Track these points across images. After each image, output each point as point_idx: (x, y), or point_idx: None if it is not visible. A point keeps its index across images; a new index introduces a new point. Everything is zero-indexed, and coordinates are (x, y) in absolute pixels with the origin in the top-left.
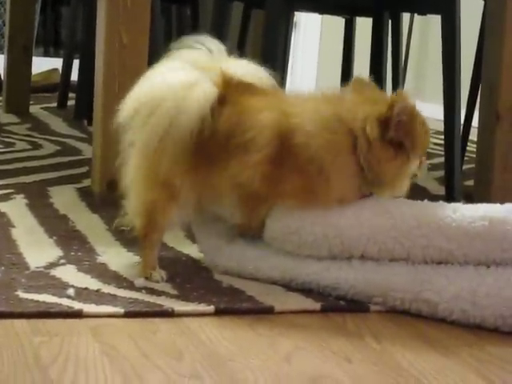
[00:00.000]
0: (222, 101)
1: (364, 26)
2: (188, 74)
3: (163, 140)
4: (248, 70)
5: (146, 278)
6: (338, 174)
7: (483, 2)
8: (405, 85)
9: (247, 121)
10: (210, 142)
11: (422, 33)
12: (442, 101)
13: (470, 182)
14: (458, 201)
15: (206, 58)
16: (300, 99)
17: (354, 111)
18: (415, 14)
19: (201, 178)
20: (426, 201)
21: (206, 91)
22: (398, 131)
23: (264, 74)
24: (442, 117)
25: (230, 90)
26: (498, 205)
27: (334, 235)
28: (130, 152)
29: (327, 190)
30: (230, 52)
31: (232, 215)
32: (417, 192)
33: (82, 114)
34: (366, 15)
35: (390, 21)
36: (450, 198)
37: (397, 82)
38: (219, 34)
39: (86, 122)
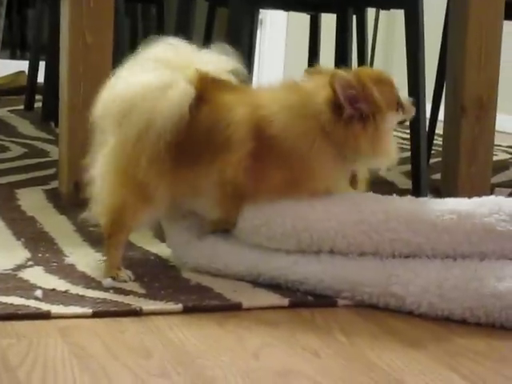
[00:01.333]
0: (198, 99)
1: (330, 22)
2: (163, 73)
3: (140, 140)
4: (219, 63)
5: (113, 278)
6: (319, 160)
7: None
8: None
9: (223, 118)
10: (187, 141)
11: (388, 28)
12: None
13: (437, 176)
14: (425, 194)
15: (176, 54)
16: (266, 92)
17: (313, 97)
18: (380, 10)
19: (179, 177)
20: (394, 195)
21: (182, 91)
22: (352, 105)
23: (234, 65)
24: None
25: (206, 88)
26: (466, 199)
27: (303, 228)
28: (101, 151)
29: (311, 178)
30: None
31: (209, 211)
32: (384, 186)
33: (49, 116)
34: (331, 11)
35: (354, 16)
36: (416, 191)
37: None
38: (184, 32)
39: (53, 123)
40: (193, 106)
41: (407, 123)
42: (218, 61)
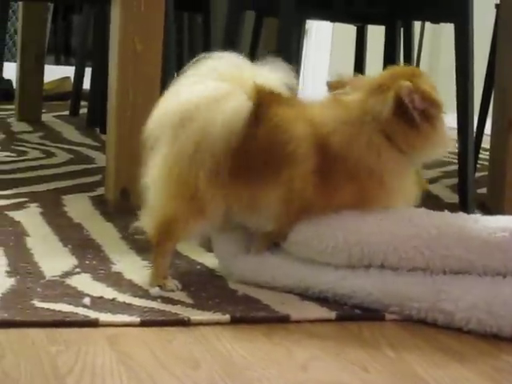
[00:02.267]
0: (256, 112)
1: (375, 33)
2: (219, 85)
3: (196, 152)
4: (276, 77)
5: (160, 287)
6: (389, 171)
7: (495, 9)
8: None
9: (285, 133)
10: (246, 155)
11: (433, 41)
12: (453, 108)
13: (483, 190)
14: (472, 209)
15: (232, 67)
16: (319, 107)
17: (370, 108)
18: (426, 22)
19: (234, 191)
20: (445, 211)
21: (239, 103)
22: (418, 111)
23: (290, 79)
24: (454, 124)
25: (264, 101)
26: None
27: (355, 242)
28: (155, 161)
29: (384, 190)
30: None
31: (263, 225)
32: (430, 200)
33: (94, 122)
34: (379, 23)
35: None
36: (463, 206)
37: None
38: (232, 42)
39: (98, 130)
40: (251, 119)
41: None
42: (274, 75)
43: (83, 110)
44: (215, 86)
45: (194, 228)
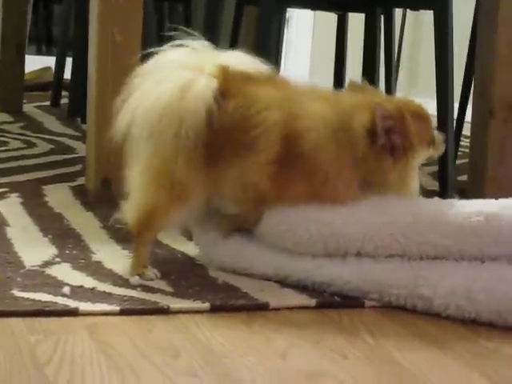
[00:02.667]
0: (224, 93)
1: (356, 21)
2: (181, 74)
3: (174, 141)
4: (243, 60)
5: (139, 276)
6: (344, 186)
7: None
8: (398, 80)
9: (253, 117)
10: (217, 138)
11: (415, 28)
12: (435, 96)
13: (464, 177)
14: (452, 196)
15: (193, 56)
16: (304, 97)
17: (351, 119)
18: (408, 10)
19: (210, 175)
20: (421, 197)
21: (204, 85)
22: (387, 136)
23: (259, 65)
24: (435, 112)
25: (231, 81)
26: (493, 200)
27: (329, 233)
28: (135, 153)
29: (333, 199)
30: (220, 49)
31: (229, 207)
32: None
33: (76, 113)
34: (359, 11)
35: (382, 16)
36: (443, 192)
37: (389, 78)
38: (212, 30)
39: (79, 120)
40: (219, 100)
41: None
42: (241, 57)
43: (64, 101)
44: (175, 75)
45: (175, 216)
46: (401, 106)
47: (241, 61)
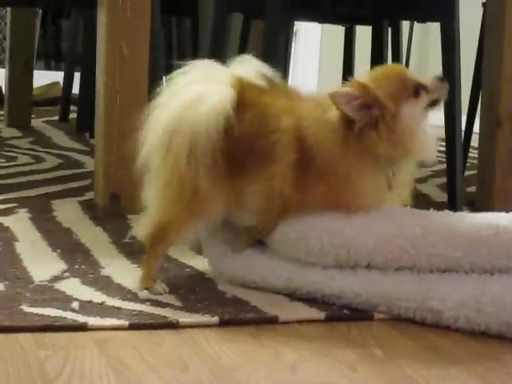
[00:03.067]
0: (241, 103)
1: (364, 33)
2: (198, 88)
3: (193, 152)
4: (256, 69)
5: (148, 290)
6: (356, 172)
7: (482, 8)
8: None
9: (268, 125)
10: (236, 149)
11: (422, 40)
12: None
13: (472, 189)
14: (461, 207)
15: (209, 70)
16: (309, 99)
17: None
18: (415, 22)
19: (230, 187)
20: (431, 210)
21: (221, 94)
22: (364, 114)
23: (268, 71)
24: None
25: (248, 91)
26: (504, 213)
27: (340, 244)
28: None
29: (352, 193)
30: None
31: (246, 219)
32: (419, 199)
33: (84, 127)
34: (366, 24)
35: (389, 29)
36: (452, 204)
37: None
38: (219, 45)
39: (87, 134)
40: (236, 110)
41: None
42: (251, 67)
43: (73, 115)
44: (194, 89)
45: (189, 230)
46: (361, 80)
47: (254, 70)
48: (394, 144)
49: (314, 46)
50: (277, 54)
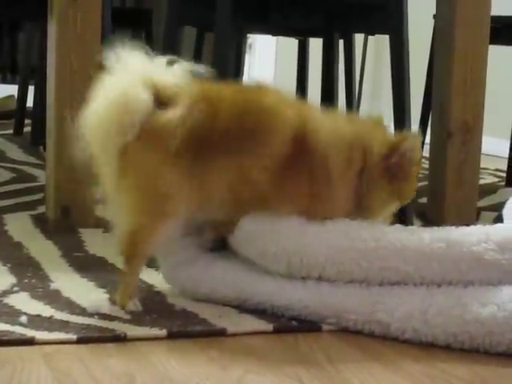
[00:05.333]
0: (206, 99)
1: (318, 46)
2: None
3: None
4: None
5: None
6: (343, 188)
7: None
8: (360, 104)
9: (257, 119)
10: (202, 142)
11: (377, 52)
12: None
13: (424, 200)
14: (411, 218)
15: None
16: (314, 110)
17: (369, 133)
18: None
19: (196, 183)
20: (383, 223)
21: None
22: (397, 165)
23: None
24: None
25: (212, 89)
26: (454, 227)
27: (293, 251)
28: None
29: (328, 207)
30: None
31: (215, 212)
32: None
33: (38, 141)
34: (316, 36)
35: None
36: (402, 215)
37: (350, 102)
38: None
39: (42, 148)
40: (192, 104)
41: None
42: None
43: (28, 129)
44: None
45: (161, 235)
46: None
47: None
48: (381, 204)
49: (269, 58)
50: (227, 67)
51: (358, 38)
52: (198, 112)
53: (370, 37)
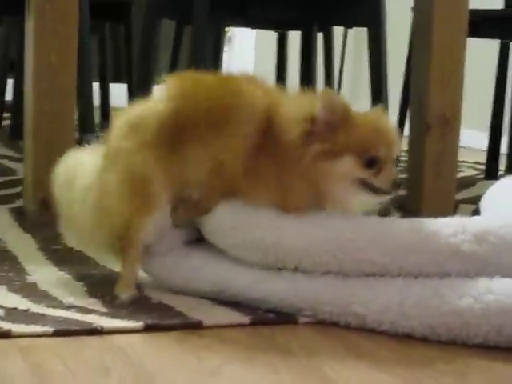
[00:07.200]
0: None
1: (297, 39)
2: None
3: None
4: None
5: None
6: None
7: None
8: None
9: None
10: (176, 128)
11: (357, 45)
12: None
13: (402, 192)
14: (389, 210)
15: None
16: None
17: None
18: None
19: (174, 168)
20: (361, 215)
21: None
22: (323, 131)
23: None
24: None
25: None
26: (432, 219)
27: (271, 243)
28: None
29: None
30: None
31: (191, 191)
32: None
33: (18, 134)
34: (295, 29)
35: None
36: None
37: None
38: (149, 51)
39: (21, 141)
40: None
41: None
42: None
43: (7, 122)
44: None
45: (153, 221)
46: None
47: None
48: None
49: (248, 52)
50: (205, 60)
51: (338, 30)
52: (173, 103)
53: (349, 30)
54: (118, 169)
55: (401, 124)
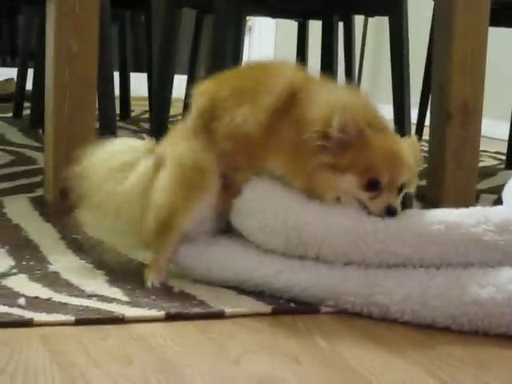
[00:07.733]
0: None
1: (318, 28)
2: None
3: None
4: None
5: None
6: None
7: (433, 1)
8: (360, 86)
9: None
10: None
11: (377, 34)
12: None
13: (423, 182)
14: (411, 200)
15: None
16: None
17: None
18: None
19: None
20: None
21: None
22: (335, 147)
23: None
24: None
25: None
26: (453, 209)
27: (293, 226)
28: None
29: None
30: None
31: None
32: None
33: (38, 124)
34: (316, 18)
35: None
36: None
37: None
38: (170, 40)
39: (41, 131)
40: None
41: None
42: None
43: (27, 112)
44: None
45: (198, 209)
46: (362, 122)
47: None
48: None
49: (268, 41)
50: (227, 49)
51: (359, 19)
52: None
53: (370, 19)
54: (172, 154)
55: (422, 113)
